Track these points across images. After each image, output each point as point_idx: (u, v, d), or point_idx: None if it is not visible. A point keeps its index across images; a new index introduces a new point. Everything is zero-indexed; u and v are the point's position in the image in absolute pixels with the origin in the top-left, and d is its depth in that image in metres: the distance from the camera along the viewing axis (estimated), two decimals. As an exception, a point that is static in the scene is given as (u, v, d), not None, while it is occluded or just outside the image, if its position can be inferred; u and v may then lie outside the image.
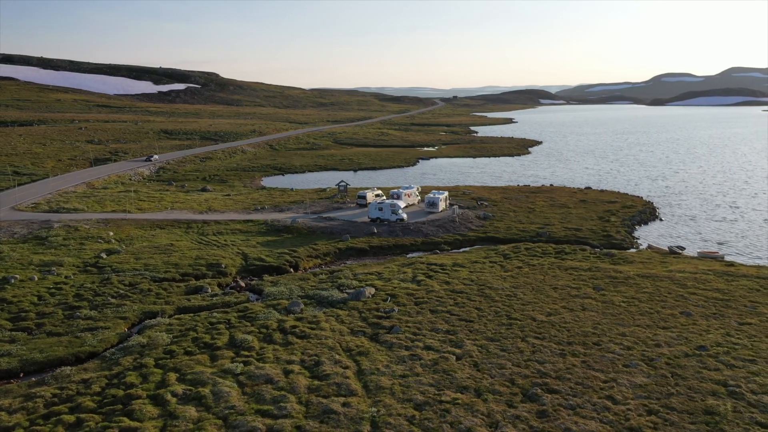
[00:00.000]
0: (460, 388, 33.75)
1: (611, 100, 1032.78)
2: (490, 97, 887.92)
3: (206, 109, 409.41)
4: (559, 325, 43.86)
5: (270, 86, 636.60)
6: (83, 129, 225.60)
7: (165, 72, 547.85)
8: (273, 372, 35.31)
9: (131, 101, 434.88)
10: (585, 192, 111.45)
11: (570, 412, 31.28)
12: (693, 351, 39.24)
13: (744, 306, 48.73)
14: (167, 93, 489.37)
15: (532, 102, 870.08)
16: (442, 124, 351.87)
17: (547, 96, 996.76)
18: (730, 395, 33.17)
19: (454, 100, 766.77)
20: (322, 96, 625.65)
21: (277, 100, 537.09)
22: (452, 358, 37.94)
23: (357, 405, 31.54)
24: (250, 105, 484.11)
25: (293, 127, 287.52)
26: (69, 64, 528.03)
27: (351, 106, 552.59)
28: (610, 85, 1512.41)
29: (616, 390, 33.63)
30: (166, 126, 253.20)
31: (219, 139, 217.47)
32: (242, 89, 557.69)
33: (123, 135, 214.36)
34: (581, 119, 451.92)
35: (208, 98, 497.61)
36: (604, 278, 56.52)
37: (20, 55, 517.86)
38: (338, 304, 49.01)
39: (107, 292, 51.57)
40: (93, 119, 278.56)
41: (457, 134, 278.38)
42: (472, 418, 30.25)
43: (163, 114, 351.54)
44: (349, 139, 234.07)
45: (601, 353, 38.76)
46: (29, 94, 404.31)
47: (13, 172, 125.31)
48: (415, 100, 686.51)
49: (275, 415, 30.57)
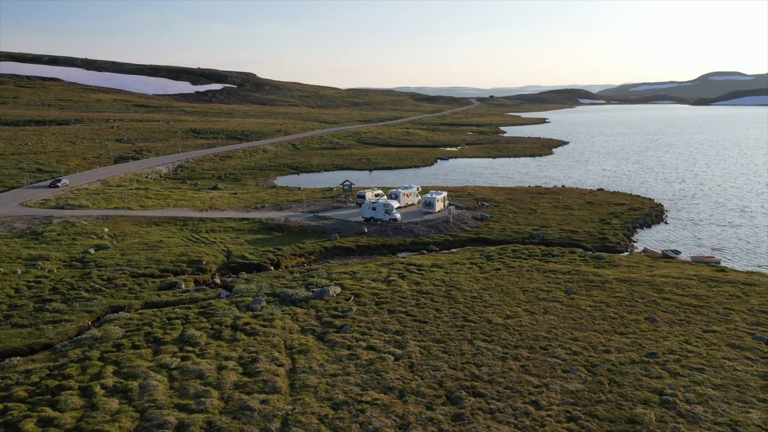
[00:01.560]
0: (385, 388, 33.65)
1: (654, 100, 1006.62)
2: (527, 97, 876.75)
3: (240, 109, 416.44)
4: (513, 328, 43.23)
5: (306, 86, 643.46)
6: (115, 128, 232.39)
7: (203, 72, 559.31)
8: (207, 368, 35.88)
9: (169, 101, 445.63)
10: (594, 194, 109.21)
11: (488, 416, 30.85)
12: (642, 358, 38.15)
13: (716, 313, 47.10)
14: (204, 93, 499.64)
15: (570, 102, 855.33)
16: (472, 124, 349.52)
17: (586, 96, 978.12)
18: (661, 404, 32.17)
19: (490, 100, 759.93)
20: (356, 96, 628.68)
21: (311, 100, 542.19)
22: (390, 358, 37.83)
23: (275, 402, 31.79)
24: (284, 105, 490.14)
25: (321, 127, 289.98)
26: (112, 65, 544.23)
27: (384, 106, 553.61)
28: (655, 84, 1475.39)
29: (545, 396, 32.99)
30: (196, 125, 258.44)
31: (244, 139, 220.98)
32: (277, 89, 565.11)
33: (152, 134, 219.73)
34: (616, 119, 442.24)
35: (243, 98, 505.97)
36: (580, 282, 55.38)
37: (66, 57, 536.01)
38: (300, 302, 49.37)
39: (83, 286, 53.16)
40: (128, 119, 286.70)
41: (485, 134, 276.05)
42: (384, 419, 30.15)
43: (198, 113, 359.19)
44: (374, 139, 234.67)
45: (544, 358, 38.05)
46: (72, 94, 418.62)
47: (37, 169, 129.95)
48: (449, 99, 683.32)
49: (192, 409, 31.08)
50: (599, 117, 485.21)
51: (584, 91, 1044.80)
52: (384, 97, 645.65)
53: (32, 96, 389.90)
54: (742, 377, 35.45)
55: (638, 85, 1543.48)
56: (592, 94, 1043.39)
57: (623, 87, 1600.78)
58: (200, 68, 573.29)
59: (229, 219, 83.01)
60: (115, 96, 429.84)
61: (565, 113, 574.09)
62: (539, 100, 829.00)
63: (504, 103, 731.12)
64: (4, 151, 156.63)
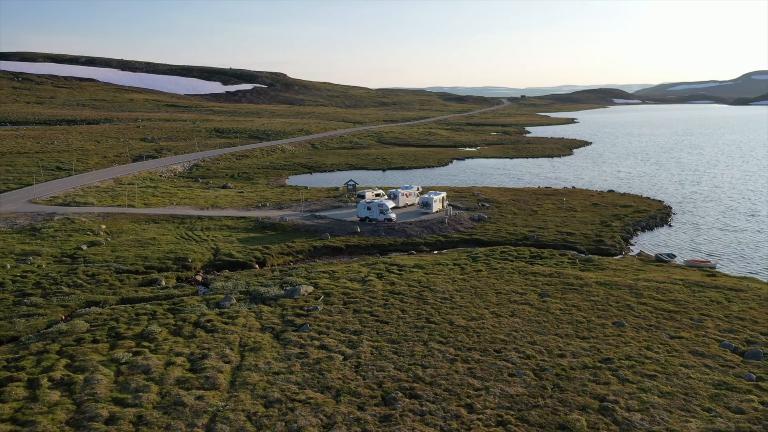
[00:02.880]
0: (323, 388, 33.75)
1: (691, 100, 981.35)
2: (560, 97, 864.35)
3: (268, 109, 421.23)
4: (473, 331, 42.85)
5: (335, 86, 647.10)
6: (140, 127, 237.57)
7: (234, 73, 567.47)
8: (155, 363, 36.52)
9: (199, 101, 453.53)
10: (603, 195, 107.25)
11: (417, 418, 30.68)
12: (595, 363, 37.41)
13: (690, 319, 45.86)
14: (234, 93, 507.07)
15: (604, 101, 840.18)
16: (497, 124, 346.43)
17: (621, 95, 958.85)
18: (599, 411, 31.51)
19: (521, 100, 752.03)
20: (385, 96, 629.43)
21: (340, 100, 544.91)
22: (339, 358, 37.91)
23: (210, 399, 32.19)
24: (312, 104, 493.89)
25: (345, 126, 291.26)
26: (146, 66, 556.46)
27: (413, 106, 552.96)
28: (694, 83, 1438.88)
29: (482, 399, 32.63)
30: (221, 125, 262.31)
31: (265, 138, 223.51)
32: (307, 89, 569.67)
33: (176, 133, 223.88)
34: (647, 120, 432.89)
35: (272, 98, 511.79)
36: (559, 285, 54.54)
37: (102, 58, 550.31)
38: (269, 300, 49.81)
39: (66, 281, 54.60)
40: (156, 118, 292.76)
41: (508, 134, 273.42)
42: (311, 419, 30.25)
43: (226, 113, 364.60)
44: (394, 139, 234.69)
45: (494, 361, 37.63)
46: (106, 94, 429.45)
47: (56, 167, 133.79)
48: (479, 99, 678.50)
49: (128, 403, 31.70)
50: (630, 117, 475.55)
51: (619, 91, 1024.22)
52: (413, 97, 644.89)
53: (68, 96, 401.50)
54: (694, 385, 34.48)
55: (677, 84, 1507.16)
56: (627, 93, 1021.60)
57: (661, 86, 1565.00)
58: (231, 68, 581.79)
59: (227, 217, 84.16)
60: (148, 96, 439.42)
61: (597, 113, 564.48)
62: (572, 100, 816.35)
63: (535, 102, 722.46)
64: (30, 149, 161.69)
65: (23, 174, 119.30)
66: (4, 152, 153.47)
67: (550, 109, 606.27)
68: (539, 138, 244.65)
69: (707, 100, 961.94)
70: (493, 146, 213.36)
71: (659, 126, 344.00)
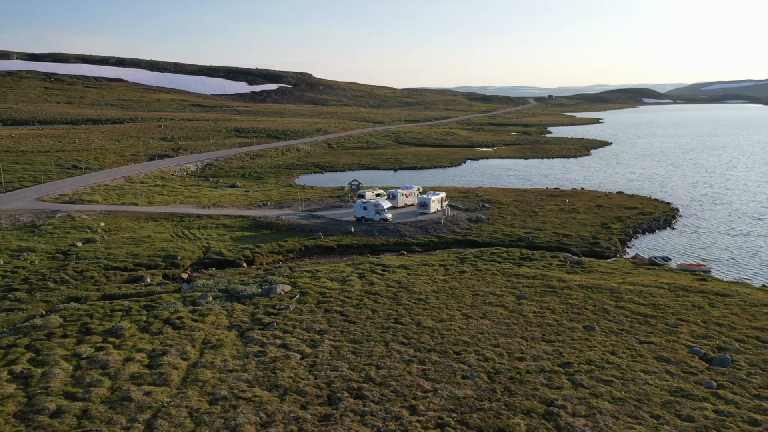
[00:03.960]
0: (272, 386, 33.99)
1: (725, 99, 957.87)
2: (588, 96, 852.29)
3: (291, 108, 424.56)
4: (439, 332, 42.65)
5: (360, 86, 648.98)
6: (162, 127, 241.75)
7: (259, 73, 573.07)
8: (115, 359, 37.22)
9: (225, 101, 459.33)
10: (610, 197, 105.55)
11: (357, 418, 30.69)
12: (553, 367, 36.90)
13: (665, 324, 44.92)
14: (259, 93, 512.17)
15: (633, 101, 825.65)
16: (520, 124, 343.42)
17: (652, 95, 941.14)
18: (544, 415, 31.11)
19: (548, 100, 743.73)
20: (410, 95, 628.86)
21: (364, 100, 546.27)
22: (296, 357, 38.12)
23: (157, 395, 32.69)
24: (336, 104, 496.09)
25: (365, 126, 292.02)
26: (173, 66, 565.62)
27: (437, 106, 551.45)
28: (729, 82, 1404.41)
29: (427, 401, 32.48)
30: (241, 125, 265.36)
31: (282, 138, 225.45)
32: (331, 89, 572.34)
33: (196, 133, 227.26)
34: (674, 120, 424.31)
35: (297, 98, 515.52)
36: (540, 287, 53.90)
37: (132, 59, 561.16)
38: (245, 299, 50.29)
39: (53, 277, 55.95)
40: (179, 118, 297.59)
41: (528, 135, 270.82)
42: (251, 416, 30.49)
43: (249, 113, 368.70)
44: (412, 139, 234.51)
45: (451, 363, 37.39)
46: (134, 94, 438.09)
47: (73, 165, 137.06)
48: (505, 99, 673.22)
49: (77, 397, 32.39)
50: (657, 117, 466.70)
51: (650, 91, 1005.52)
52: (438, 97, 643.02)
53: (97, 96, 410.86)
54: (649, 392, 33.78)
55: (711, 83, 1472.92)
56: (658, 93, 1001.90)
57: (695, 86, 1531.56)
58: (257, 69, 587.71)
59: (225, 216, 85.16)
60: (174, 96, 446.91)
61: (624, 113, 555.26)
62: (600, 100, 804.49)
63: (562, 102, 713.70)
64: (51, 148, 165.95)
65: (39, 172, 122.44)
66: (26, 151, 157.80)
67: (577, 109, 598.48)
68: (559, 138, 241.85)
69: (742, 100, 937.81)
70: (510, 146, 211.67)
71: (685, 126, 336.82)
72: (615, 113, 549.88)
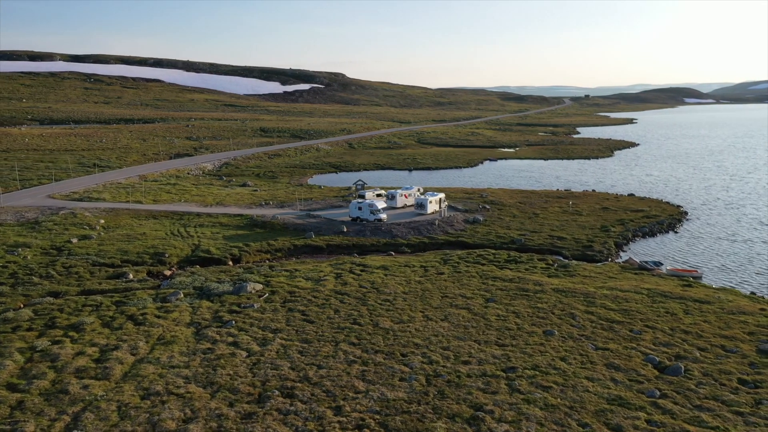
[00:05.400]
0: (207, 383, 34.49)
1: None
2: (627, 96, 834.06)
3: (321, 108, 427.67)
4: (394, 333, 42.57)
5: (393, 86, 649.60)
6: (189, 126, 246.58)
7: (293, 73, 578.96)
8: (67, 352, 38.31)
9: (257, 101, 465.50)
10: (618, 199, 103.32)
11: (279, 417, 30.93)
12: (495, 372, 36.46)
13: (629, 330, 43.89)
14: (291, 93, 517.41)
15: (673, 101, 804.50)
16: (549, 124, 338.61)
17: (694, 95, 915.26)
18: (468, 420, 30.79)
19: (584, 99, 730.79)
20: (442, 95, 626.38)
21: (395, 100, 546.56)
22: (242, 355, 38.58)
23: (94, 389, 33.53)
24: (367, 104, 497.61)
25: (390, 126, 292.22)
26: (209, 67, 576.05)
27: (469, 106, 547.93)
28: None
29: (356, 402, 32.49)
30: (268, 125, 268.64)
31: (305, 137, 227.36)
32: (363, 89, 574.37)
33: (222, 132, 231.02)
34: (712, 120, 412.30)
35: (328, 98, 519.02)
36: (514, 290, 53.24)
37: (169, 59, 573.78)
38: (214, 296, 51.07)
39: (40, 272, 57.80)
40: (209, 117, 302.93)
41: (555, 135, 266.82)
42: (176, 412, 31.01)
43: (279, 113, 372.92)
44: (434, 139, 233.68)
45: (393, 365, 37.29)
46: (169, 94, 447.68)
47: (94, 164, 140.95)
48: (539, 99, 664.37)
49: (19, 389, 33.47)
50: (695, 118, 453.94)
51: (692, 90, 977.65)
52: (471, 97, 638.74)
53: (134, 96, 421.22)
54: (586, 399, 33.09)
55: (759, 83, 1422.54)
56: (700, 93, 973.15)
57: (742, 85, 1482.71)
58: (291, 69, 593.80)
59: (224, 215, 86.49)
60: (208, 96, 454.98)
61: (661, 113, 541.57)
62: (639, 100, 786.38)
63: (598, 102, 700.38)
64: (77, 146, 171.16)
65: (59, 170, 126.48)
66: (53, 149, 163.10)
67: (613, 109, 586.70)
68: (585, 139, 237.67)
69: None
70: (532, 147, 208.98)
71: (721, 127, 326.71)
72: (652, 113, 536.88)
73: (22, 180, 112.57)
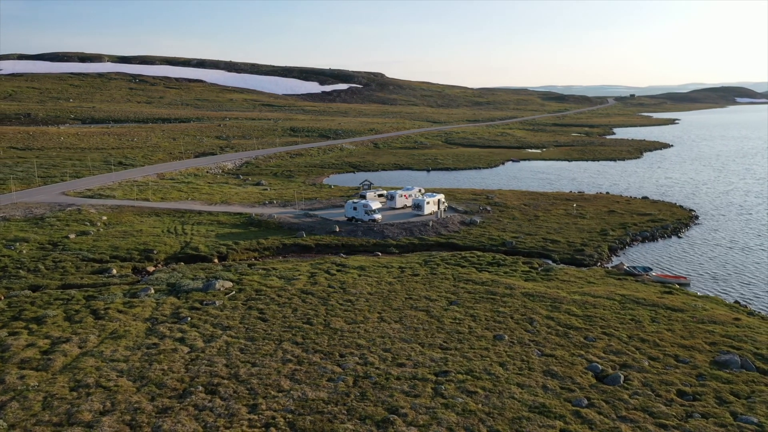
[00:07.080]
0: (138, 377, 35.38)
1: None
2: (675, 96, 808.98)
3: (357, 108, 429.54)
4: (341, 334, 42.71)
5: (432, 85, 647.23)
6: (221, 125, 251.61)
7: (331, 73, 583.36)
8: (19, 344, 39.86)
9: (294, 101, 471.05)
10: (629, 202, 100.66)
11: (194, 413, 31.50)
12: (426, 375, 36.18)
13: (584, 338, 42.88)
14: (329, 93, 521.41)
15: (724, 101, 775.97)
16: (585, 124, 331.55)
17: (747, 94, 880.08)
18: (379, 422, 30.72)
19: (628, 99, 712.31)
20: (481, 95, 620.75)
21: (433, 99, 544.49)
22: (184, 351, 39.39)
23: (29, 379, 34.84)
24: (404, 104, 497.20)
25: (420, 125, 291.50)
26: (250, 67, 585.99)
27: (507, 106, 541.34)
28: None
29: (276, 401, 32.79)
30: (299, 124, 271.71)
31: (333, 137, 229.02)
32: (401, 89, 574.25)
33: (252, 131, 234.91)
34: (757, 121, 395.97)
35: (366, 97, 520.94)
36: (482, 293, 52.63)
37: (211, 60, 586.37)
38: (182, 293, 52.19)
39: (29, 266, 60.18)
40: (243, 117, 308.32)
41: (589, 136, 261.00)
42: (96, 404, 31.93)
43: (315, 112, 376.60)
44: (462, 139, 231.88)
45: (326, 365, 37.45)
46: (210, 94, 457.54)
47: (119, 162, 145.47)
48: (581, 99, 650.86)
49: (-40, 378, 35.08)
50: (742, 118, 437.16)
51: (745, 89, 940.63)
52: (510, 97, 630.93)
53: (176, 96, 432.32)
54: (507, 406, 32.55)
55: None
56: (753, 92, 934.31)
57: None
58: (330, 69, 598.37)
59: (225, 213, 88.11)
60: (247, 96, 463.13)
61: (709, 113, 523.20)
62: (687, 99, 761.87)
63: (644, 102, 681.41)
64: (108, 145, 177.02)
65: (84, 168, 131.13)
66: (84, 148, 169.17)
67: (657, 109, 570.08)
68: (617, 140, 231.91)
69: None
70: (560, 148, 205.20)
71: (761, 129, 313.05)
72: (698, 113, 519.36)
73: (45, 177, 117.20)
